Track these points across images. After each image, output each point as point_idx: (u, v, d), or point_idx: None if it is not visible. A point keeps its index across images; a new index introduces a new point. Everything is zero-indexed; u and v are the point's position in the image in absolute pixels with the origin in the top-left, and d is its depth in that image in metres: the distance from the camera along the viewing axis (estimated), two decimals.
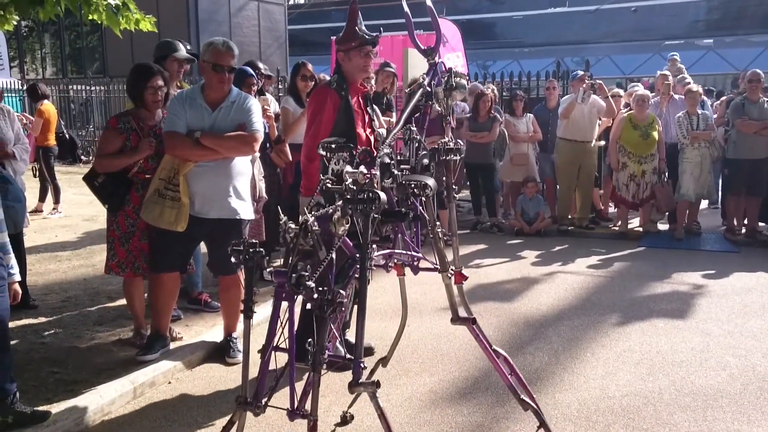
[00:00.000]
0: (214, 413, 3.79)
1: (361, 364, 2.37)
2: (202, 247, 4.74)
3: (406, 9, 3.47)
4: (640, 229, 8.74)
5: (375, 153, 2.84)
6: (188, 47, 5.71)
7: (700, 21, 30.97)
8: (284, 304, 2.46)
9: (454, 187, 3.17)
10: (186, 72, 5.58)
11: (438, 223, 3.11)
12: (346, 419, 2.52)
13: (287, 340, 2.51)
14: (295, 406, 2.47)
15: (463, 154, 3.16)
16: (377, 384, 2.36)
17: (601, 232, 8.81)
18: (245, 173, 4.47)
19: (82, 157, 13.59)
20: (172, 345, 4.53)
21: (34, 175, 9.35)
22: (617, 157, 8.38)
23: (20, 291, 3.52)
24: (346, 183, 2.37)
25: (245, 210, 4.40)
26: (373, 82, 7.07)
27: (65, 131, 11.82)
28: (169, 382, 4.20)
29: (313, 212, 2.35)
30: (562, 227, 8.79)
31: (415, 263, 3.17)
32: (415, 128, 3.12)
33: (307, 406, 2.42)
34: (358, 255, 2.44)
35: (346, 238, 2.48)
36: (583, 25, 30.85)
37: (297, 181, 6.16)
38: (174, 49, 5.08)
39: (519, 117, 9.00)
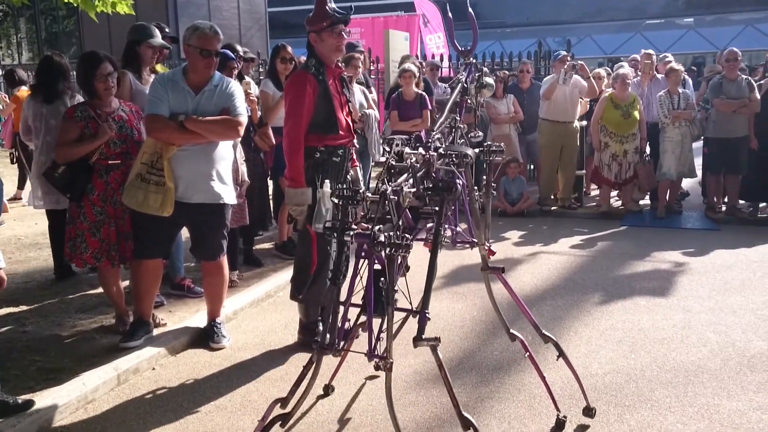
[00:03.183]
0: (198, 399, 3.78)
1: (427, 315, 2.71)
2: (184, 232, 4.71)
3: (450, 15, 3.95)
4: (623, 208, 8.81)
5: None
6: (167, 30, 5.63)
7: (680, 0, 31.09)
8: None
9: (492, 184, 3.55)
10: (164, 57, 5.51)
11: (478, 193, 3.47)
12: (327, 391, 2.94)
13: (365, 293, 2.81)
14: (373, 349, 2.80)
15: (503, 154, 3.52)
16: (438, 339, 2.71)
17: (583, 211, 8.86)
18: (228, 158, 4.44)
19: None
20: (156, 331, 4.51)
21: (12, 162, 9.21)
22: (599, 137, 8.41)
23: (5, 278, 3.44)
24: (411, 161, 2.81)
25: (228, 194, 4.38)
26: (360, 63, 7.03)
27: None
28: (153, 369, 4.19)
29: (386, 183, 2.71)
30: (545, 207, 8.83)
31: (455, 237, 3.49)
32: (458, 118, 3.51)
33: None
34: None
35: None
36: (564, 5, 30.88)
37: (277, 164, 6.13)
38: (148, 34, 4.99)
39: (499, 98, 8.99)
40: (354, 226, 2.74)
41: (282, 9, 29.02)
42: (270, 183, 6.60)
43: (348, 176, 4.24)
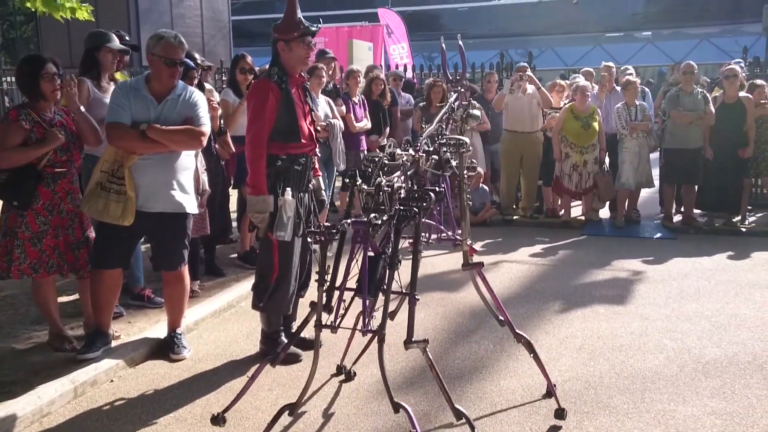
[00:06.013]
0: (158, 411, 3.73)
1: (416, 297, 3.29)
2: (144, 241, 4.65)
3: (443, 45, 4.52)
4: (582, 217, 8.95)
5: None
6: (127, 38, 5.57)
7: (638, 14, 31.81)
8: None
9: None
10: (125, 64, 5.44)
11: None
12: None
13: (360, 276, 3.21)
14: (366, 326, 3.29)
15: (470, 149, 3.75)
16: (427, 341, 3.13)
17: (544, 221, 8.97)
18: (190, 167, 4.41)
19: None
20: (114, 342, 4.43)
21: None
22: (560, 148, 8.54)
23: None
24: (403, 160, 3.23)
25: (189, 204, 4.34)
26: (323, 74, 7.14)
27: None
28: (112, 381, 4.12)
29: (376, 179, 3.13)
30: (506, 217, 8.92)
31: (441, 235, 3.91)
32: (446, 133, 3.85)
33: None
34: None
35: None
36: (526, 18, 31.35)
37: (239, 173, 6.10)
38: (107, 39, 4.92)
39: None
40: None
41: (246, 17, 28.90)
42: (233, 192, 6.56)
43: (310, 185, 4.24)
